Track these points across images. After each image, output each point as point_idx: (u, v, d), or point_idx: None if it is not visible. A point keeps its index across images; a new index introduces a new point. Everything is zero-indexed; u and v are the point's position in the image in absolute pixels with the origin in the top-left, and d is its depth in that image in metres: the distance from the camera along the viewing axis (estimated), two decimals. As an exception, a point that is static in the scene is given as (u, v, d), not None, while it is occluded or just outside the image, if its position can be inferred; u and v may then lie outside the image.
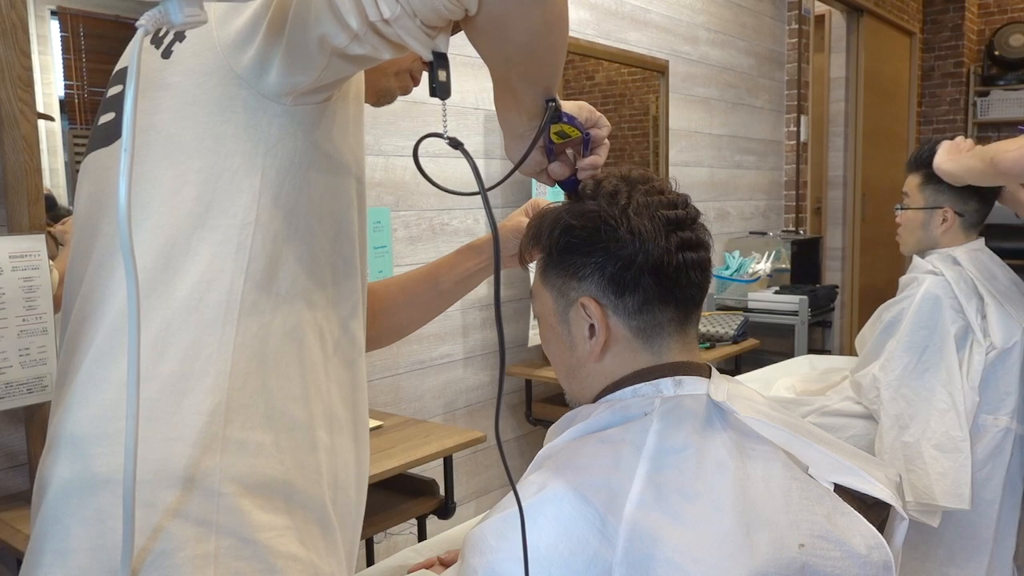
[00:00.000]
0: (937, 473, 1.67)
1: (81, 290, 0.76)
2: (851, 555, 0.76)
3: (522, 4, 0.67)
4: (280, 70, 0.69)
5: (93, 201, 0.78)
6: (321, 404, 0.76)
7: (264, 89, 0.71)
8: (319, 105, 0.74)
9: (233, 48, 0.70)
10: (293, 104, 0.72)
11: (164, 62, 0.74)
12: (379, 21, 0.62)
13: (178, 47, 0.74)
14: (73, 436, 0.69)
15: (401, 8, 0.61)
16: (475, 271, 1.12)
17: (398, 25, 0.63)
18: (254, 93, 0.71)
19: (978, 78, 5.95)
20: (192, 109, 0.72)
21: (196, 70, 0.72)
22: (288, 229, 0.74)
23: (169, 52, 0.75)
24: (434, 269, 1.13)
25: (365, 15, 0.62)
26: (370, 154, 2.23)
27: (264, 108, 0.72)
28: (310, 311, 0.76)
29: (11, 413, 1.53)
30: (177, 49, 0.74)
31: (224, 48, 0.71)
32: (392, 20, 0.62)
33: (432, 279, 1.12)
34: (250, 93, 0.71)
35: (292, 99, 0.72)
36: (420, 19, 0.63)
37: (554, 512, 0.76)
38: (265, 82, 0.70)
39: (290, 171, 0.73)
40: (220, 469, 0.68)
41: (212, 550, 0.66)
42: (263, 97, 0.71)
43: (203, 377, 0.69)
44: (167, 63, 0.74)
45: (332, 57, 0.67)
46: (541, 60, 0.75)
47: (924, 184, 1.88)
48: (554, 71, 0.77)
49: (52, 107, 1.65)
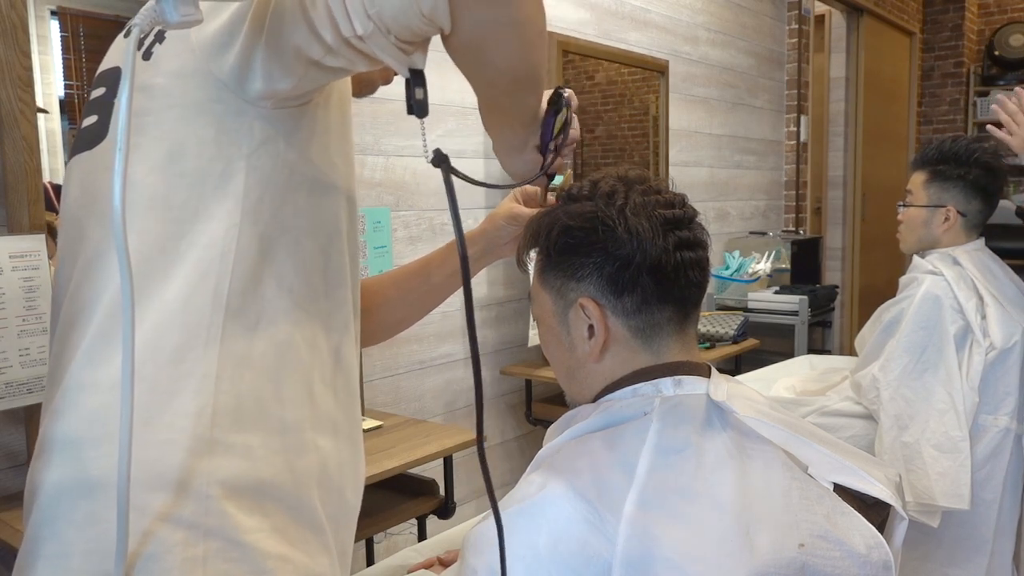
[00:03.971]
0: (937, 473, 1.67)
1: (69, 292, 0.75)
2: (851, 555, 0.76)
3: (498, 26, 0.66)
4: (262, 76, 0.69)
5: (79, 204, 0.78)
6: (314, 407, 0.76)
7: (245, 93, 0.70)
8: (299, 108, 0.74)
9: (212, 51, 0.70)
10: (273, 108, 0.72)
11: (145, 64, 0.74)
12: (352, 37, 0.62)
13: (158, 49, 0.74)
14: (64, 439, 0.69)
15: (374, 25, 0.61)
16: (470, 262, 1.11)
17: (371, 42, 0.62)
18: (234, 97, 0.71)
19: (978, 78, 5.95)
20: (173, 112, 0.71)
21: (175, 72, 0.72)
22: (274, 232, 0.74)
23: (149, 54, 0.74)
24: (426, 264, 1.12)
25: (339, 30, 0.62)
26: (370, 154, 2.23)
27: (244, 112, 0.71)
28: (300, 314, 0.75)
29: (11, 413, 1.53)
30: (157, 51, 0.74)
31: (202, 51, 0.70)
32: (365, 37, 0.61)
33: (424, 273, 1.12)
34: (231, 96, 0.71)
35: (272, 103, 0.72)
36: (394, 36, 0.62)
37: (553, 512, 0.76)
38: (247, 87, 0.70)
39: (273, 175, 0.73)
40: (208, 472, 0.67)
41: (201, 553, 0.66)
42: (243, 101, 0.71)
43: (189, 380, 0.68)
44: (148, 65, 0.73)
45: (309, 67, 0.67)
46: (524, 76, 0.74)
47: (929, 182, 1.88)
48: (539, 81, 0.77)
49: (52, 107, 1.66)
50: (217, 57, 0.70)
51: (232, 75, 0.70)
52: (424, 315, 1.16)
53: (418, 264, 1.13)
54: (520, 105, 0.81)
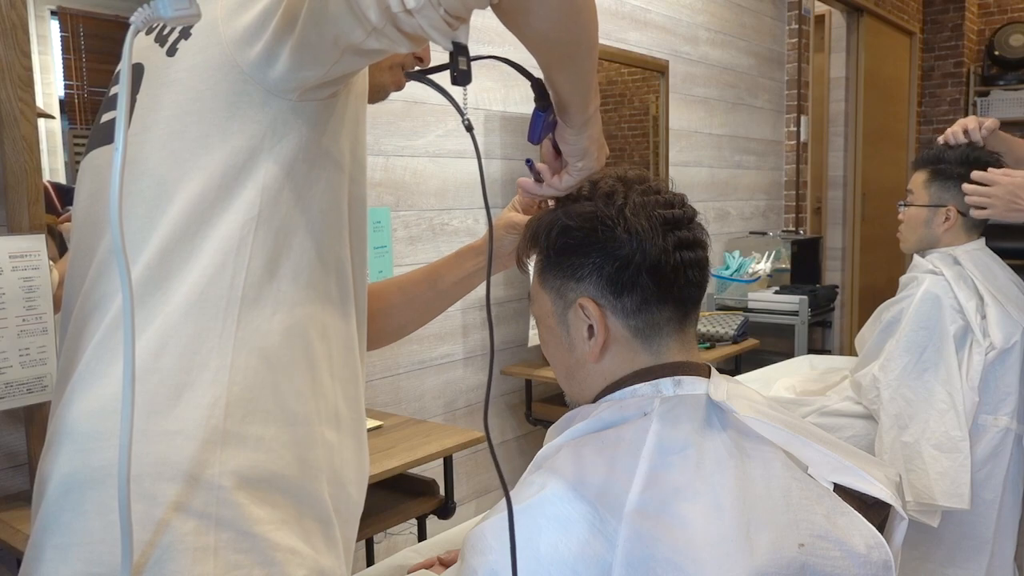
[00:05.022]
0: (936, 473, 1.67)
1: (83, 288, 0.76)
2: (851, 555, 0.76)
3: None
4: (287, 64, 0.69)
5: (94, 199, 0.78)
6: (324, 400, 0.77)
7: (270, 84, 0.71)
8: (323, 102, 0.74)
9: (240, 43, 0.70)
10: (299, 100, 0.72)
11: (169, 60, 0.74)
12: (402, 12, 0.61)
13: (183, 44, 0.74)
14: (73, 431, 0.69)
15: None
16: (474, 272, 1.12)
17: (421, 16, 0.61)
18: (259, 88, 0.71)
19: (978, 78, 5.95)
20: (197, 105, 0.72)
21: (201, 66, 0.72)
22: (291, 226, 0.74)
23: (174, 50, 0.75)
24: (433, 270, 1.12)
25: (387, 7, 0.61)
26: (370, 154, 2.23)
27: (269, 104, 0.71)
28: (313, 307, 0.76)
29: (11, 413, 1.53)
30: (182, 47, 0.74)
31: (230, 43, 0.71)
32: (416, 11, 0.61)
33: (431, 280, 1.12)
34: (255, 88, 0.71)
35: (298, 95, 0.72)
36: (444, 8, 0.61)
37: (553, 512, 0.76)
38: (271, 76, 0.70)
39: (294, 168, 0.74)
40: (220, 462, 0.68)
41: (212, 543, 0.66)
42: (268, 93, 0.71)
43: (203, 371, 0.69)
44: (172, 60, 0.74)
45: (345, 53, 0.67)
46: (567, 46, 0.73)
47: (930, 181, 1.88)
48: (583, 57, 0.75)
49: (52, 107, 1.65)
50: (245, 49, 0.70)
51: (256, 65, 0.70)
52: (427, 322, 1.17)
53: (425, 271, 1.13)
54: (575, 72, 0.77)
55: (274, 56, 0.69)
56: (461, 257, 1.12)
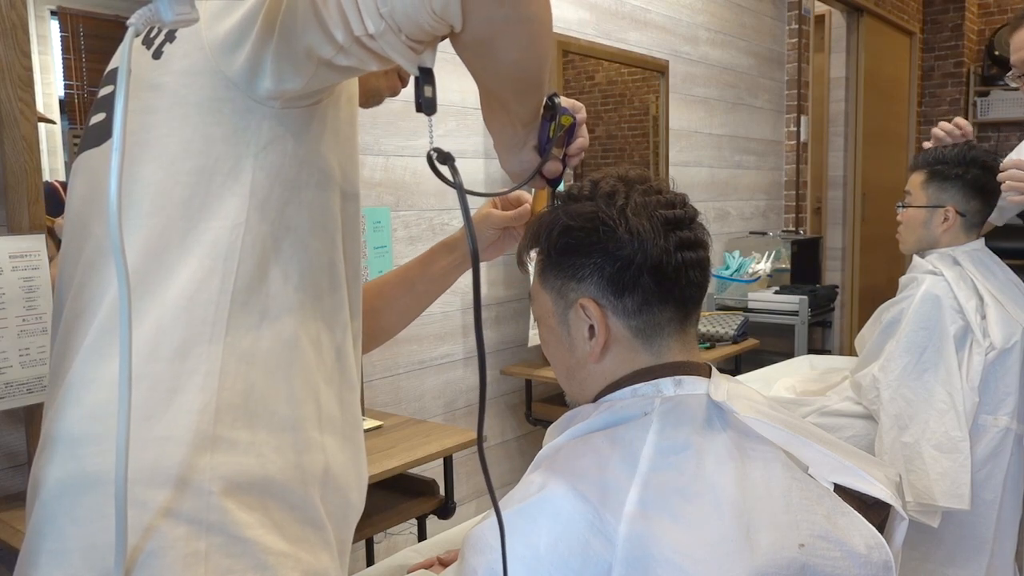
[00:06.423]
0: (937, 473, 1.67)
1: (72, 290, 0.76)
2: (851, 555, 0.76)
3: (508, 23, 0.66)
4: (272, 75, 0.69)
5: (84, 201, 0.78)
6: (316, 404, 0.76)
7: (254, 93, 0.71)
8: (308, 108, 0.74)
9: (223, 50, 0.70)
10: (282, 108, 0.72)
11: (155, 63, 0.74)
12: (364, 36, 0.62)
13: (168, 48, 0.74)
14: (66, 436, 0.69)
15: (386, 24, 0.61)
16: (449, 269, 1.11)
17: (383, 40, 0.62)
18: (243, 96, 0.71)
19: (978, 78, 5.94)
20: (182, 110, 0.72)
21: (185, 71, 0.72)
22: (280, 230, 0.74)
23: (160, 53, 0.74)
24: (407, 271, 1.12)
25: (350, 29, 0.62)
26: (370, 154, 2.24)
27: (253, 111, 0.72)
28: (304, 311, 0.76)
29: (11, 413, 1.53)
30: (167, 50, 0.74)
31: (212, 49, 0.71)
32: (377, 35, 0.62)
33: (408, 282, 1.11)
34: (240, 95, 0.71)
35: (281, 103, 0.72)
36: (405, 34, 0.62)
37: (553, 512, 0.76)
38: (256, 86, 0.70)
39: (280, 174, 0.73)
40: (210, 468, 0.68)
41: (203, 548, 0.66)
42: (252, 100, 0.71)
43: (193, 376, 0.69)
44: (158, 64, 0.74)
45: (319, 66, 0.67)
46: (530, 73, 0.75)
47: (927, 182, 1.88)
48: (543, 80, 0.78)
49: (52, 107, 1.65)
50: (227, 56, 0.70)
51: (242, 74, 0.70)
52: (411, 321, 1.16)
53: (400, 273, 1.13)
54: (522, 103, 0.81)
55: (259, 67, 0.69)
56: (434, 255, 1.12)
